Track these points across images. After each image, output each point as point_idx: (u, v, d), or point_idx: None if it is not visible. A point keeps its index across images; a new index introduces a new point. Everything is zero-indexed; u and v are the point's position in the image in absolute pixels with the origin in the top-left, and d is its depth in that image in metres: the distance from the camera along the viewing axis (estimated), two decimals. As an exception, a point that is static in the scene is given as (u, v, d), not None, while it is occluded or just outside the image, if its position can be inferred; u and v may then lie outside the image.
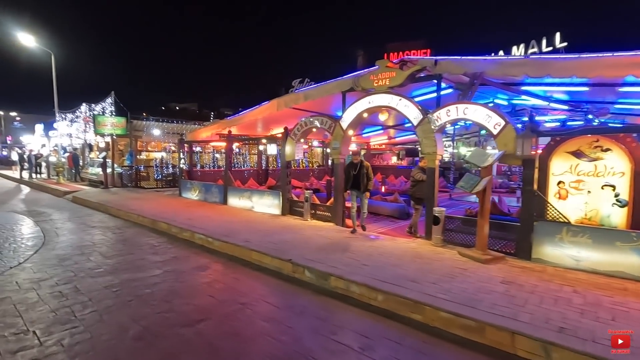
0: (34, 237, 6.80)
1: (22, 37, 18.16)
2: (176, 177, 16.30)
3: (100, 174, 15.03)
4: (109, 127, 14.63)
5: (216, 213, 8.80)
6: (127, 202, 10.51)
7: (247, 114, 9.80)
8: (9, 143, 39.94)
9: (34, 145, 26.39)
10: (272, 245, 5.68)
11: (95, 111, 15.90)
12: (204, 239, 6.39)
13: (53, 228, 7.63)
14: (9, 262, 5.16)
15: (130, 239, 6.92)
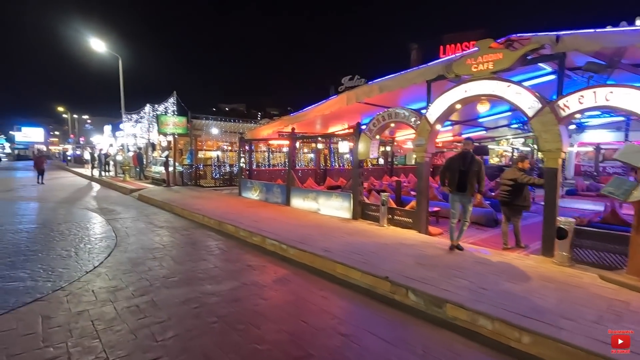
0: (106, 237, 6.68)
1: (94, 42, 19.30)
2: (233, 175, 16.30)
3: (162, 173, 15.37)
4: (171, 126, 14.87)
5: (281, 215, 8.27)
6: (189, 201, 10.40)
7: (313, 110, 9.18)
8: (82, 143, 43.55)
9: (103, 145, 28.26)
10: (356, 256, 4.93)
11: (158, 111, 16.32)
12: (276, 245, 5.82)
13: (123, 227, 7.55)
14: (84, 266, 4.93)
15: (198, 241, 6.56)
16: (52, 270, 4.71)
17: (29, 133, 65.64)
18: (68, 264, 4.97)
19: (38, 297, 3.82)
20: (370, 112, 9.91)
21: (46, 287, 4.11)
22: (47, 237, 6.57)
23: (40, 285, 4.16)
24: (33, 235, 6.63)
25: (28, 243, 6.09)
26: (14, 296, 3.82)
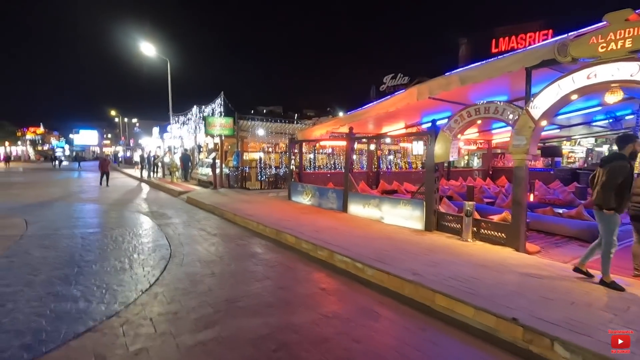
0: (160, 245, 6.21)
1: (144, 47, 19.70)
2: (279, 178, 15.77)
3: (209, 175, 15.17)
4: (218, 127, 14.62)
5: (341, 224, 7.45)
6: (240, 206, 9.89)
7: (374, 107, 8.28)
8: (131, 145, 45.68)
9: (151, 147, 29.16)
10: (455, 283, 3.98)
11: (205, 112, 16.20)
12: (349, 262, 4.99)
13: (176, 234, 7.10)
14: (140, 283, 4.39)
15: (257, 254, 5.90)
16: (106, 287, 4.20)
17: (85, 136, 70.38)
18: (122, 280, 4.46)
19: (91, 325, 3.25)
20: (432, 110, 8.90)
21: (100, 310, 3.56)
22: (101, 244, 6.22)
23: (94, 308, 3.62)
24: (87, 243, 6.31)
25: (82, 251, 5.73)
26: (66, 322, 3.29)
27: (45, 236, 6.68)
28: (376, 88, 41.50)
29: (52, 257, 5.38)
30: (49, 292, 4.00)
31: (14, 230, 7.19)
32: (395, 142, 18.07)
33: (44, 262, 5.10)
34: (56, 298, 3.84)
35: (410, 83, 39.86)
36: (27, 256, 5.39)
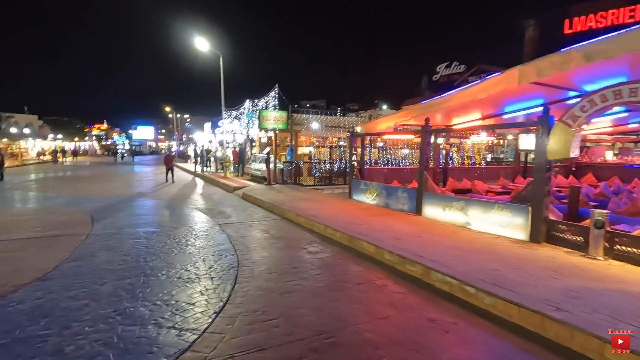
0: (224, 250, 5.67)
1: (198, 42, 19.74)
2: (333, 174, 15.03)
3: (263, 170, 14.80)
4: (272, 121, 14.13)
5: (421, 229, 6.47)
6: (299, 204, 9.23)
7: (458, 95, 7.13)
8: (184, 140, 47.52)
9: (203, 141, 29.80)
10: (622, 325, 2.89)
11: (258, 106, 15.82)
12: (454, 285, 4.04)
13: (239, 236, 6.56)
14: (210, 300, 3.78)
15: (333, 265, 5.14)
16: (175, 304, 3.65)
17: (142, 131, 74.92)
18: (191, 296, 3.89)
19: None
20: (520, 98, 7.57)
21: (171, 340, 2.96)
22: (164, 246, 5.81)
23: (165, 336, 3.04)
24: (151, 244, 5.94)
25: (146, 255, 5.33)
26: (134, 355, 2.73)
27: (109, 235, 6.45)
28: (429, 78, 39.22)
29: (117, 261, 5.01)
30: (116, 309, 3.51)
31: (82, 227, 7.09)
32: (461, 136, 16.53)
33: (110, 268, 4.72)
34: (123, 318, 3.32)
35: (467, 71, 37.12)
36: (93, 260, 5.07)
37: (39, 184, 15.61)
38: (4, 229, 6.80)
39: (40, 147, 43.24)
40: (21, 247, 5.66)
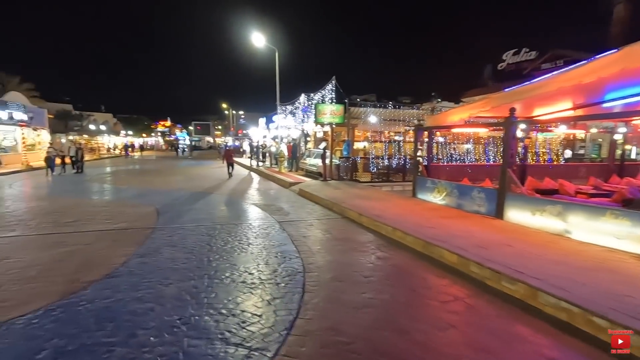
0: (287, 252, 5.30)
1: (255, 37, 19.88)
2: (391, 170, 14.24)
3: (318, 165, 14.44)
4: (328, 115, 13.67)
5: (508, 237, 5.57)
6: (359, 203, 8.67)
7: (558, 78, 6.05)
8: (239, 135, 49.15)
9: (257, 136, 30.37)
10: None
11: (314, 100, 15.46)
12: (577, 314, 3.22)
13: (300, 236, 6.18)
14: (278, 313, 3.39)
15: (410, 275, 4.52)
16: (241, 314, 3.31)
17: (201, 127, 79.14)
18: (258, 305, 3.53)
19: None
20: (625, 82, 6.22)
21: (241, 362, 2.59)
22: (226, 244, 5.60)
23: (233, 356, 2.68)
24: (213, 242, 5.76)
25: (209, 253, 5.13)
26: (202, 379, 2.38)
27: (173, 231, 6.43)
28: (493, 67, 36.12)
29: (181, 259, 4.86)
30: (181, 317, 3.25)
31: (148, 220, 7.21)
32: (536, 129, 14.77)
33: (174, 267, 4.57)
34: (189, 329, 3.04)
35: (540, 58, 33.49)
36: (158, 257, 4.98)
37: (112, 177, 16.78)
38: (79, 220, 7.11)
39: (113, 142, 47.36)
40: (92, 239, 5.79)
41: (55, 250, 5.15)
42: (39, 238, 5.88)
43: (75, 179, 15.16)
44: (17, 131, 22.72)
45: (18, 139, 22.85)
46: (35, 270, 4.34)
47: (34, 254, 5.01)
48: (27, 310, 3.31)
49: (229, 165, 16.43)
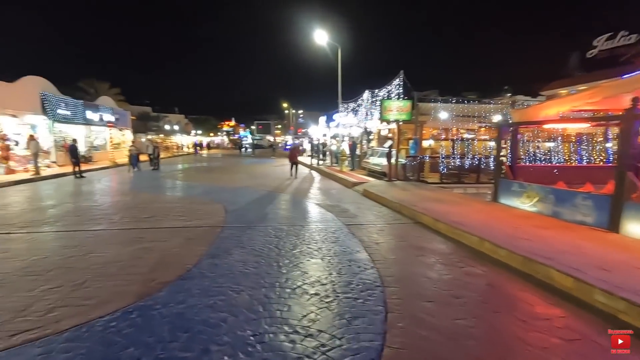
0: (360, 261, 4.84)
1: (317, 35, 19.70)
2: (462, 171, 13.06)
3: (382, 165, 13.79)
4: (395, 112, 12.91)
5: (635, 256, 4.50)
6: (431, 206, 7.91)
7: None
8: (299, 134, 49.91)
9: (317, 135, 30.39)
10: None
11: (379, 96, 14.79)
12: None
13: (372, 242, 5.69)
14: (362, 343, 2.94)
15: (514, 300, 3.79)
16: (320, 336, 2.93)
17: (262, 126, 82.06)
18: (337, 325, 3.12)
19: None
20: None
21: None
22: (295, 248, 5.31)
23: (318, 391, 2.29)
24: (282, 244, 5.52)
25: (279, 258, 4.87)
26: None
27: (241, 230, 6.34)
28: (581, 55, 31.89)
29: (251, 263, 4.66)
30: (255, 333, 2.96)
31: (217, 218, 7.27)
32: None
33: (245, 271, 4.37)
34: (265, 349, 2.73)
35: (641, 42, 28.86)
36: (228, 258, 4.84)
37: (183, 174, 17.81)
38: (155, 216, 7.40)
39: (183, 141, 51.01)
40: (167, 236, 5.90)
41: (134, 247, 5.29)
42: (120, 233, 6.15)
43: (153, 175, 16.31)
44: (106, 131, 25.33)
45: (107, 138, 25.46)
46: (116, 267, 4.42)
47: (116, 249, 5.18)
48: (107, 310, 3.29)
49: (292, 164, 15.74)
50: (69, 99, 20.47)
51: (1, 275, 4.15)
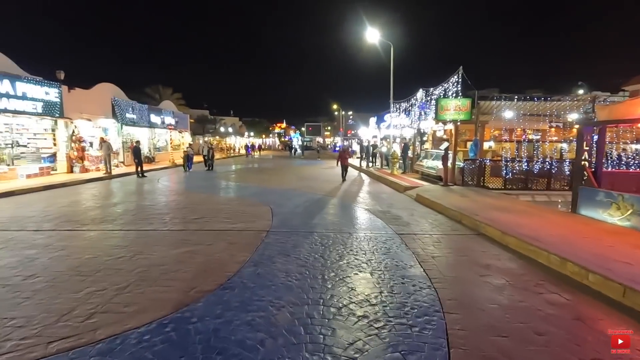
0: (415, 278, 4.29)
1: (368, 33, 19.11)
2: (530, 177, 11.71)
3: (437, 168, 12.86)
4: (452, 111, 11.94)
5: None
6: (497, 216, 7.02)
7: None
8: (348, 136, 49.43)
9: (367, 136, 29.69)
10: None
11: (434, 95, 13.85)
12: None
13: (428, 256, 5.08)
14: (421, 378, 2.43)
15: (607, 339, 3.01)
16: (369, 373, 2.47)
17: (312, 128, 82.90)
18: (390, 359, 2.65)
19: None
20: None
21: None
22: (341, 259, 4.89)
23: None
24: (327, 254, 5.13)
25: (324, 270, 4.49)
26: None
27: (286, 236, 6.07)
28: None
29: (294, 273, 4.33)
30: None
31: (263, 221, 7.10)
32: None
33: (287, 283, 4.05)
34: (303, 385, 2.35)
35: None
36: (270, 267, 4.57)
37: (235, 174, 18.25)
38: (203, 218, 7.42)
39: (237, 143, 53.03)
40: (212, 239, 5.80)
41: (179, 250, 5.24)
42: (169, 234, 6.20)
43: (206, 176, 16.91)
44: (167, 134, 27.03)
45: (167, 140, 27.14)
46: (159, 271, 4.35)
47: (161, 251, 5.17)
48: (143, 320, 3.14)
49: (343, 168, 14.52)
50: (135, 104, 22.07)
51: (56, 273, 4.26)
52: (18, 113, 13.59)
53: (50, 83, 15.09)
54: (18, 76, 13.70)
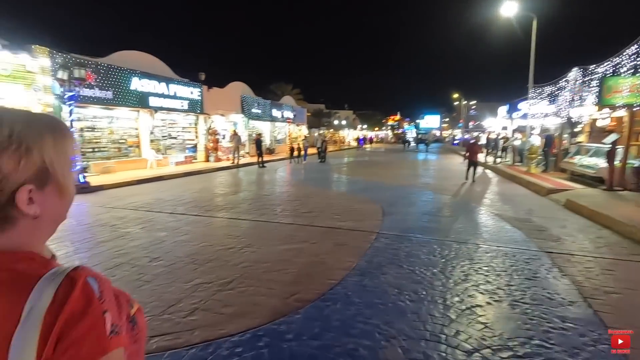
0: (580, 322, 3.05)
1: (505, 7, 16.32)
2: None
3: (597, 167, 10.06)
4: (626, 93, 9.05)
5: None
6: None
7: None
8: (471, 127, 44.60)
9: (495, 128, 25.98)
10: None
11: (596, 73, 10.83)
12: None
13: (597, 292, 3.66)
14: None
15: None
16: None
17: (428, 120, 78.12)
18: None
19: None
20: None
21: None
22: (467, 278, 3.92)
23: None
24: (449, 270, 4.21)
25: (447, 291, 3.63)
26: None
27: (398, 240, 5.33)
28: None
29: (407, 292, 3.60)
30: None
31: (373, 221, 6.51)
32: None
33: (399, 304, 3.35)
34: None
35: None
36: (380, 279, 3.94)
37: (346, 167, 18.12)
38: (312, 212, 7.24)
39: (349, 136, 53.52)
40: (319, 237, 5.48)
41: (285, 246, 5.07)
42: (278, 227, 6.16)
43: (319, 168, 17.22)
44: (286, 127, 28.85)
45: (286, 132, 28.97)
46: (263, 269, 4.19)
47: (269, 246, 5.07)
48: (239, 327, 2.90)
49: (470, 164, 11.87)
50: (260, 100, 24.07)
51: (175, 259, 4.52)
52: (170, 110, 16.14)
53: (194, 84, 17.49)
54: (171, 79, 16.22)
